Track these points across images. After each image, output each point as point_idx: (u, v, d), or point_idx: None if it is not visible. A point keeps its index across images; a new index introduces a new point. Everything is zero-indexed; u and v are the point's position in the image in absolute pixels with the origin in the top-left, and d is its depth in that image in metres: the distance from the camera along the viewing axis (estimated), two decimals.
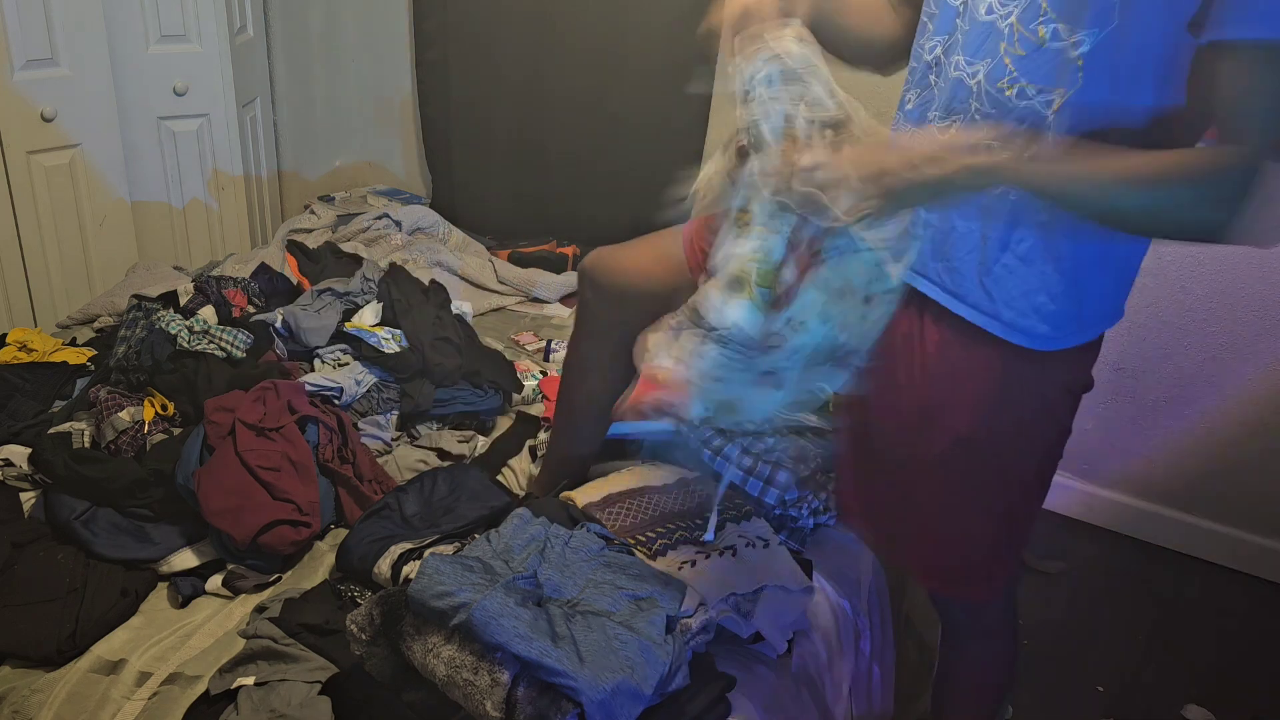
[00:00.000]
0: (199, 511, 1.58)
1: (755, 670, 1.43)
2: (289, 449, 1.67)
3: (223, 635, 1.46)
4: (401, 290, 2.29)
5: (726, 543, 1.53)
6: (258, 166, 3.16)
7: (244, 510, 1.56)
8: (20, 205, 2.51)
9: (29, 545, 1.56)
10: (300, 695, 1.29)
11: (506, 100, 3.05)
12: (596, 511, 1.54)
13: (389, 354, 2.05)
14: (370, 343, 2.07)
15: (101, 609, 1.46)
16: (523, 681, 1.14)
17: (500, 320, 2.66)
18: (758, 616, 1.43)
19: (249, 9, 2.99)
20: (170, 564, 1.58)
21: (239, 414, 1.68)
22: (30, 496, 1.70)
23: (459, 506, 1.61)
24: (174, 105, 2.81)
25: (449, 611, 1.15)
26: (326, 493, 1.69)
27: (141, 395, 1.87)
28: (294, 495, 1.61)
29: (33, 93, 2.46)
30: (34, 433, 1.81)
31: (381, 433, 1.95)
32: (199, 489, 1.58)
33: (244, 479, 1.60)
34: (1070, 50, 1.01)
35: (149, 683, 1.37)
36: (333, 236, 2.89)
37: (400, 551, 1.47)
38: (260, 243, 3.17)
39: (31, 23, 2.41)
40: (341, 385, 1.93)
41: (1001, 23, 1.06)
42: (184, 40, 2.78)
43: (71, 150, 2.59)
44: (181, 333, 2.00)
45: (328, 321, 2.15)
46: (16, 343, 2.06)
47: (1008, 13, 1.05)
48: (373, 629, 1.23)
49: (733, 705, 1.31)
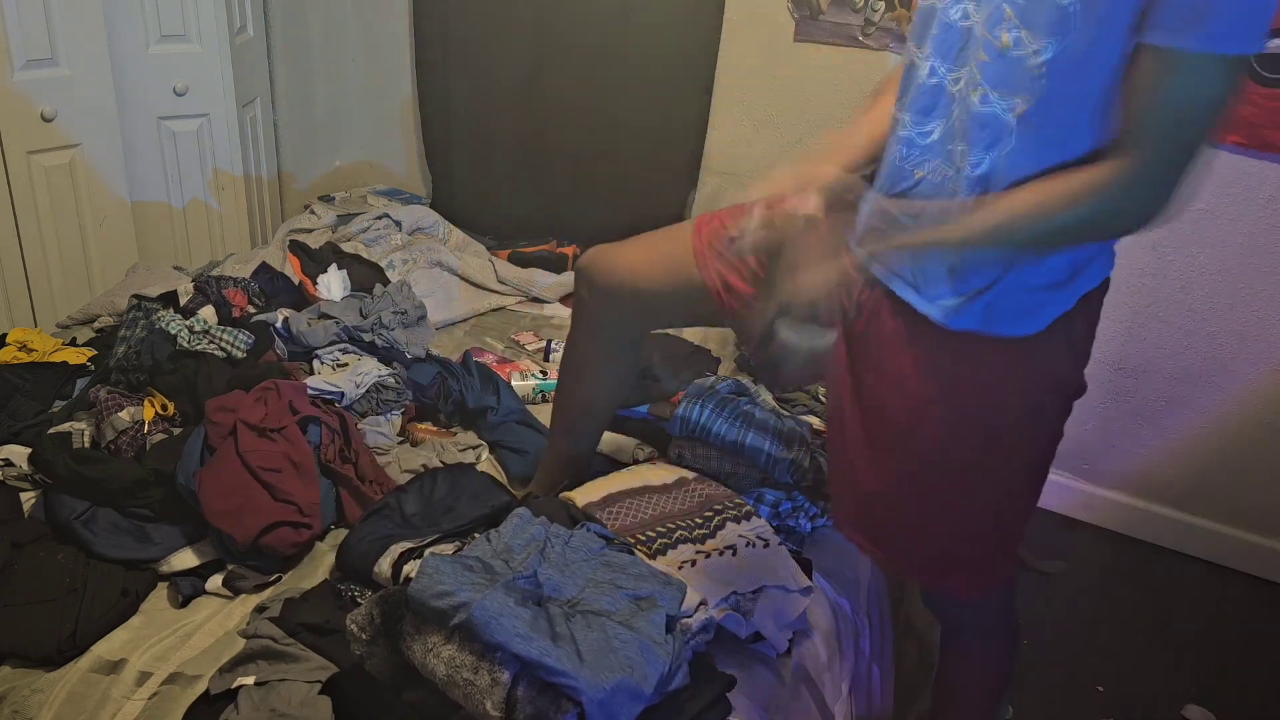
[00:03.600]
0: (200, 512, 1.58)
1: (755, 670, 1.43)
2: (290, 450, 1.66)
3: (223, 635, 1.46)
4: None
5: (727, 542, 1.53)
6: (258, 166, 3.16)
7: (245, 511, 1.56)
8: (20, 205, 2.51)
9: (29, 545, 1.56)
10: (300, 695, 1.29)
11: (506, 100, 3.05)
12: (596, 511, 1.54)
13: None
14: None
15: (101, 609, 1.46)
16: (523, 681, 1.14)
17: (500, 320, 2.66)
18: (757, 616, 1.43)
19: (249, 9, 2.99)
20: (170, 564, 1.58)
21: (240, 414, 1.68)
22: (30, 496, 1.70)
23: (459, 506, 1.61)
24: (174, 105, 2.81)
25: (449, 611, 1.15)
26: (327, 493, 1.69)
27: (141, 395, 1.87)
28: (295, 496, 1.61)
29: (33, 93, 2.45)
30: (34, 433, 1.81)
31: (382, 433, 1.95)
32: (200, 489, 1.58)
33: (245, 480, 1.60)
34: (1032, 59, 1.01)
35: (149, 682, 1.37)
36: (333, 236, 2.89)
37: (400, 551, 1.47)
38: (260, 243, 3.17)
39: (31, 23, 2.40)
40: (342, 390, 1.93)
41: (968, 25, 1.07)
42: (184, 40, 2.77)
43: (71, 150, 2.59)
44: (181, 333, 2.00)
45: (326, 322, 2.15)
46: (16, 343, 2.06)
47: (973, 17, 1.07)
48: (373, 629, 1.23)
49: (733, 705, 1.31)
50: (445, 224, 2.99)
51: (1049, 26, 0.99)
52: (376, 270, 2.59)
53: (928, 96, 1.13)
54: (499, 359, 2.36)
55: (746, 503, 1.65)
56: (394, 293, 2.33)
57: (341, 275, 2.36)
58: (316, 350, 2.11)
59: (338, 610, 1.43)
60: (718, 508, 1.61)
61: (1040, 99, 1.02)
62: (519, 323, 2.66)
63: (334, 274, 2.38)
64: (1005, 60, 1.03)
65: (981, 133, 1.07)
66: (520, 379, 2.24)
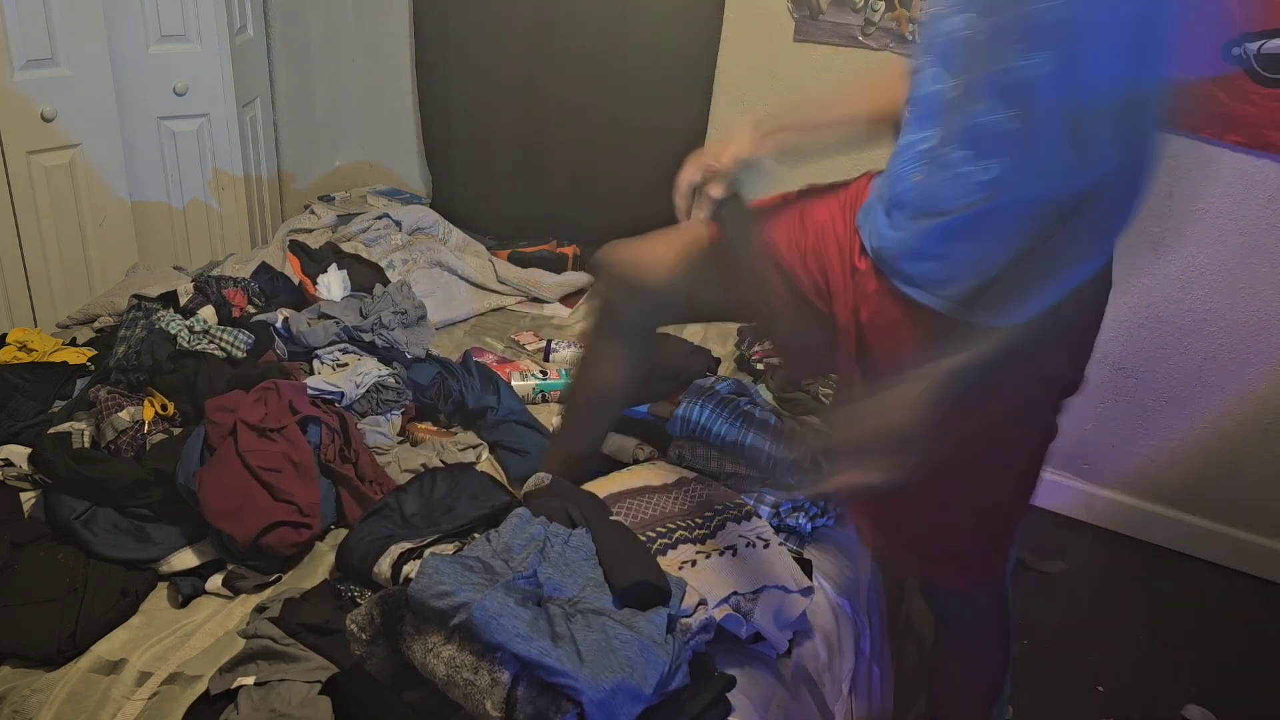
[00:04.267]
0: (200, 512, 1.57)
1: (755, 670, 1.43)
2: (290, 450, 1.66)
3: (223, 635, 1.46)
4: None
5: (727, 543, 1.53)
6: (258, 166, 3.16)
7: (245, 511, 1.56)
8: (20, 205, 2.51)
9: (29, 545, 1.56)
10: (300, 695, 1.29)
11: (506, 100, 3.05)
12: None
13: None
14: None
15: (101, 609, 1.46)
16: (523, 681, 1.14)
17: (500, 320, 2.66)
18: (757, 616, 1.43)
19: (249, 9, 2.99)
20: (170, 564, 1.58)
21: (240, 414, 1.68)
22: (30, 496, 1.70)
23: (459, 506, 1.61)
24: (174, 105, 2.81)
25: (449, 611, 1.15)
26: (327, 493, 1.69)
27: (141, 395, 1.87)
28: (295, 496, 1.61)
29: (33, 93, 2.45)
30: (34, 433, 1.81)
31: (382, 433, 1.94)
32: (200, 489, 1.58)
33: (245, 480, 1.60)
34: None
35: (149, 682, 1.37)
36: (333, 236, 2.89)
37: (400, 551, 1.48)
38: (260, 243, 3.16)
39: (31, 23, 2.40)
40: (342, 390, 1.93)
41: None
42: (184, 40, 2.77)
43: (71, 150, 2.59)
44: (181, 332, 2.00)
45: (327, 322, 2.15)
46: (16, 343, 2.06)
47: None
48: (373, 629, 1.23)
49: (733, 705, 1.31)
50: (445, 224, 2.98)
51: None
52: (376, 270, 2.59)
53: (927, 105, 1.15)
54: (499, 359, 2.36)
55: (747, 503, 1.65)
56: (394, 293, 2.32)
57: (341, 275, 2.36)
58: (316, 350, 2.11)
59: (338, 610, 1.43)
60: (718, 508, 1.61)
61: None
62: (519, 323, 2.66)
63: (334, 274, 2.38)
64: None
65: (981, 143, 1.08)
66: (520, 379, 2.23)
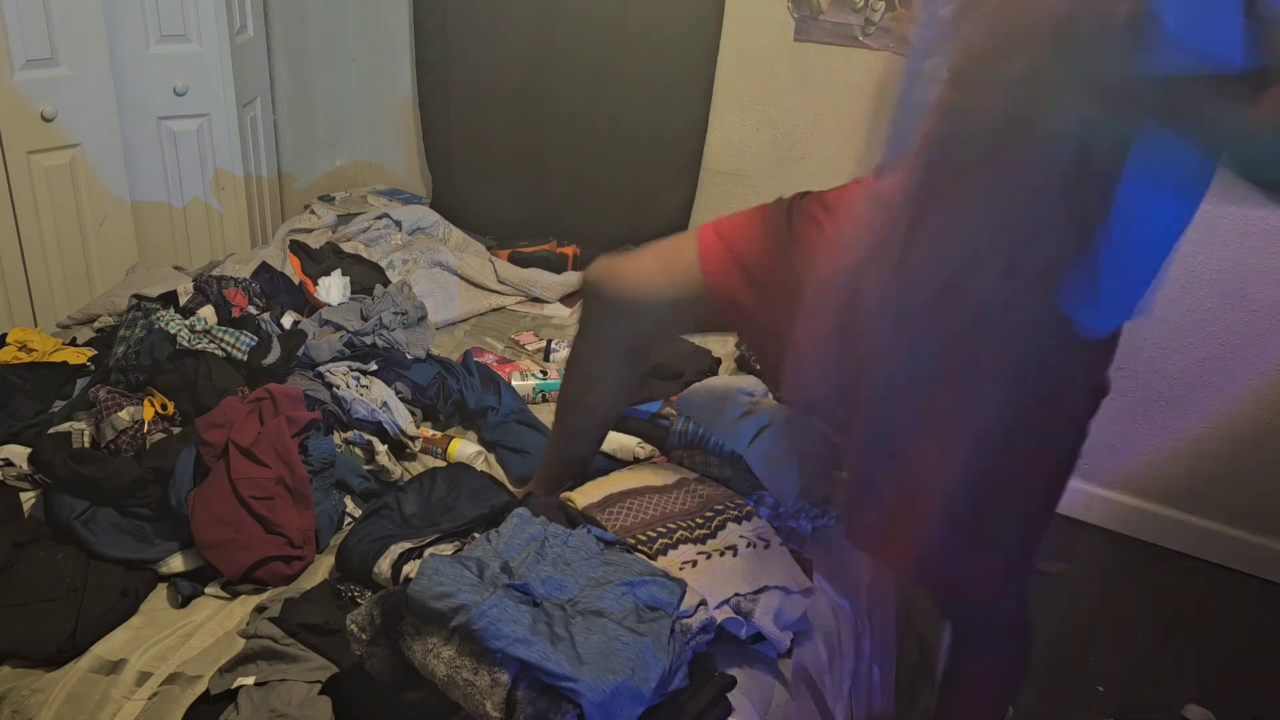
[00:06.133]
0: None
1: (755, 670, 1.43)
2: (285, 473, 1.63)
3: (223, 635, 1.46)
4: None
5: (727, 543, 1.53)
6: (258, 166, 3.16)
7: (235, 545, 1.54)
8: (20, 205, 2.51)
9: (29, 545, 1.56)
10: (300, 695, 1.29)
11: (506, 100, 3.05)
12: (596, 513, 1.54)
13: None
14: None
15: (101, 609, 1.46)
16: (523, 682, 1.14)
17: (500, 320, 2.66)
18: (758, 617, 1.43)
19: (249, 9, 2.99)
20: (170, 564, 1.58)
21: (233, 434, 1.64)
22: (30, 496, 1.70)
23: (458, 505, 1.61)
24: (174, 105, 2.81)
25: (449, 613, 1.15)
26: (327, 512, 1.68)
27: (141, 395, 1.87)
28: (287, 527, 1.58)
29: (33, 93, 2.45)
30: (34, 433, 1.80)
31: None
32: (192, 515, 1.55)
33: (236, 510, 1.57)
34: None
35: (149, 683, 1.37)
36: (333, 236, 2.89)
37: (400, 551, 1.47)
38: (260, 243, 3.17)
39: (31, 23, 2.40)
40: (379, 416, 1.93)
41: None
42: (184, 40, 2.78)
43: (71, 150, 2.59)
44: (181, 332, 1.99)
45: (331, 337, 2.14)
46: (16, 343, 2.05)
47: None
48: (373, 629, 1.22)
49: (733, 705, 1.31)
50: (445, 224, 2.99)
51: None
52: (377, 270, 2.59)
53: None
54: (499, 359, 2.36)
55: (747, 503, 1.65)
56: (394, 293, 2.32)
57: (343, 282, 2.32)
58: (319, 366, 2.08)
59: (338, 610, 1.43)
60: (719, 508, 1.61)
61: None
62: (519, 323, 2.66)
63: (335, 279, 2.36)
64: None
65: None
66: (520, 379, 2.23)
